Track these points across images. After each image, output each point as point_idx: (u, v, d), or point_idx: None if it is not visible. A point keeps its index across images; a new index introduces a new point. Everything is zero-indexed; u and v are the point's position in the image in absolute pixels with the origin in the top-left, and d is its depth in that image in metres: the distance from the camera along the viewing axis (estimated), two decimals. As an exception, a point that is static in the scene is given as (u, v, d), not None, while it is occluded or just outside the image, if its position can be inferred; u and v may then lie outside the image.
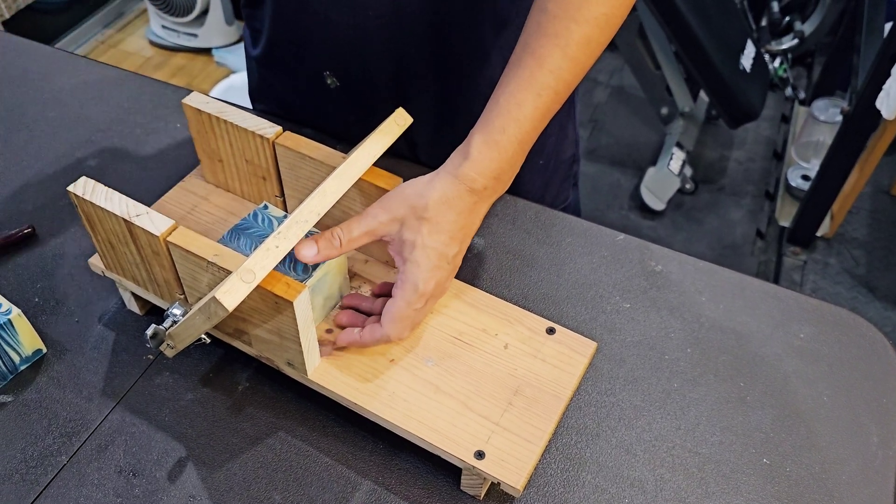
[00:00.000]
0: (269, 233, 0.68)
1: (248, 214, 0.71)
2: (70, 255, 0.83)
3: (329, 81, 0.88)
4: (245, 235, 0.69)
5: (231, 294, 0.56)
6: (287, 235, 0.60)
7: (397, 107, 0.70)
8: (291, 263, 0.66)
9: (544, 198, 1.00)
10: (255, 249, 0.61)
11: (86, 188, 0.65)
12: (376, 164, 0.68)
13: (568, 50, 0.63)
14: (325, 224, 0.75)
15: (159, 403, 0.71)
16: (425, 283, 0.64)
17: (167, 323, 0.65)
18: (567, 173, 1.03)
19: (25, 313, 0.72)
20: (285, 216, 0.71)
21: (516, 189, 0.91)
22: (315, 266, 0.66)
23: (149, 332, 0.64)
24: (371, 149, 0.66)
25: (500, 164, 0.64)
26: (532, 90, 0.63)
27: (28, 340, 0.72)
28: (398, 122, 0.68)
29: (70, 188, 0.65)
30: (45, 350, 0.74)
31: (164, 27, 2.77)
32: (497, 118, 0.64)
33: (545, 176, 0.99)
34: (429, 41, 0.81)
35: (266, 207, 0.71)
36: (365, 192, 0.69)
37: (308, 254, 0.64)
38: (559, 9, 0.62)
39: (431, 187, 0.64)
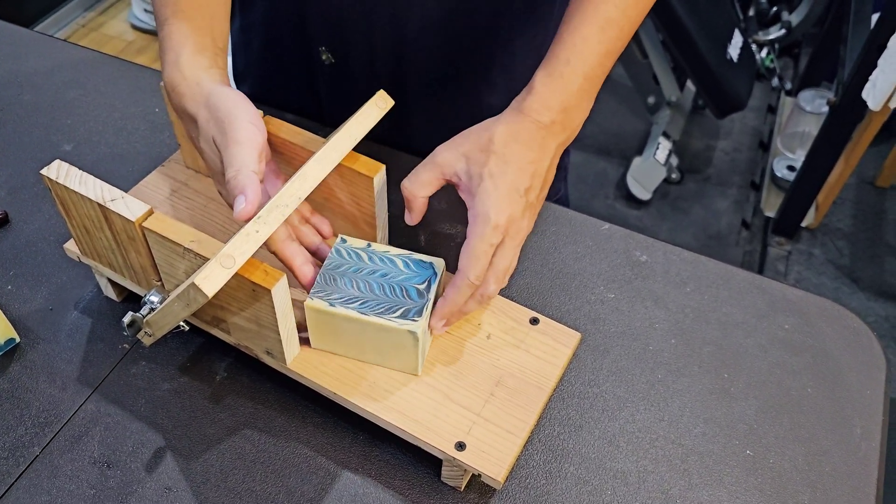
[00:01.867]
0: (365, 267, 0.64)
1: (332, 252, 0.65)
2: (45, 240, 0.81)
3: (324, 57, 0.85)
4: (342, 276, 0.64)
5: (210, 280, 0.54)
6: (267, 220, 0.59)
7: (393, 85, 0.68)
8: (404, 292, 0.63)
9: None
10: (356, 287, 0.61)
11: (59, 171, 0.64)
12: (364, 152, 0.66)
13: None
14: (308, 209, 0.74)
15: (135, 393, 0.70)
16: (497, 213, 0.60)
17: (144, 310, 0.63)
18: (560, 164, 1.02)
19: (-2, 300, 0.70)
20: (368, 246, 0.66)
21: None
22: (428, 290, 0.63)
23: (126, 319, 0.62)
24: (352, 132, 0.65)
25: (566, 96, 0.63)
26: (596, 24, 0.63)
27: (0, 329, 0.70)
28: (379, 104, 0.66)
29: (43, 171, 0.64)
30: (17, 339, 0.73)
31: (146, 10, 2.73)
32: (561, 51, 0.63)
33: None
34: (434, 18, 0.79)
35: (344, 241, 0.67)
36: (346, 178, 0.68)
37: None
38: None
39: (497, 122, 0.63)
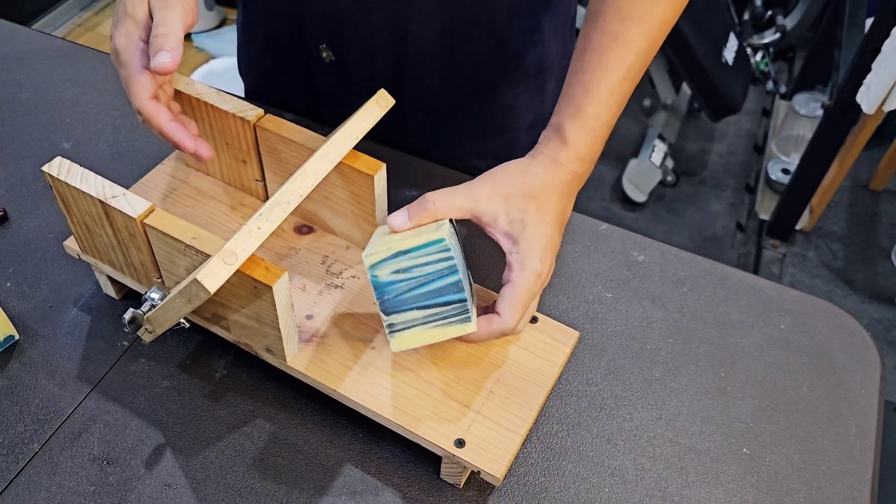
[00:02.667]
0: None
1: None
2: (44, 238, 0.81)
3: (325, 55, 0.86)
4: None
5: (213, 276, 0.55)
6: (269, 217, 0.59)
7: (391, 85, 0.68)
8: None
9: None
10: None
11: (60, 168, 0.64)
12: (363, 150, 0.67)
13: (651, 32, 0.64)
14: (306, 207, 0.74)
15: (135, 390, 0.70)
16: (542, 263, 0.62)
17: (145, 307, 0.63)
18: None
19: (-3, 297, 0.71)
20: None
21: None
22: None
23: (127, 316, 0.62)
24: (353, 130, 0.65)
25: (595, 148, 0.66)
26: (619, 74, 0.64)
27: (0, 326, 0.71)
28: (380, 103, 0.66)
29: (45, 168, 0.64)
30: (17, 336, 0.73)
31: (143, 10, 2.72)
32: (589, 105, 0.64)
33: None
34: (435, 21, 0.80)
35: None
36: (346, 177, 0.68)
37: (399, 221, 0.62)
38: None
39: (534, 167, 0.64)
